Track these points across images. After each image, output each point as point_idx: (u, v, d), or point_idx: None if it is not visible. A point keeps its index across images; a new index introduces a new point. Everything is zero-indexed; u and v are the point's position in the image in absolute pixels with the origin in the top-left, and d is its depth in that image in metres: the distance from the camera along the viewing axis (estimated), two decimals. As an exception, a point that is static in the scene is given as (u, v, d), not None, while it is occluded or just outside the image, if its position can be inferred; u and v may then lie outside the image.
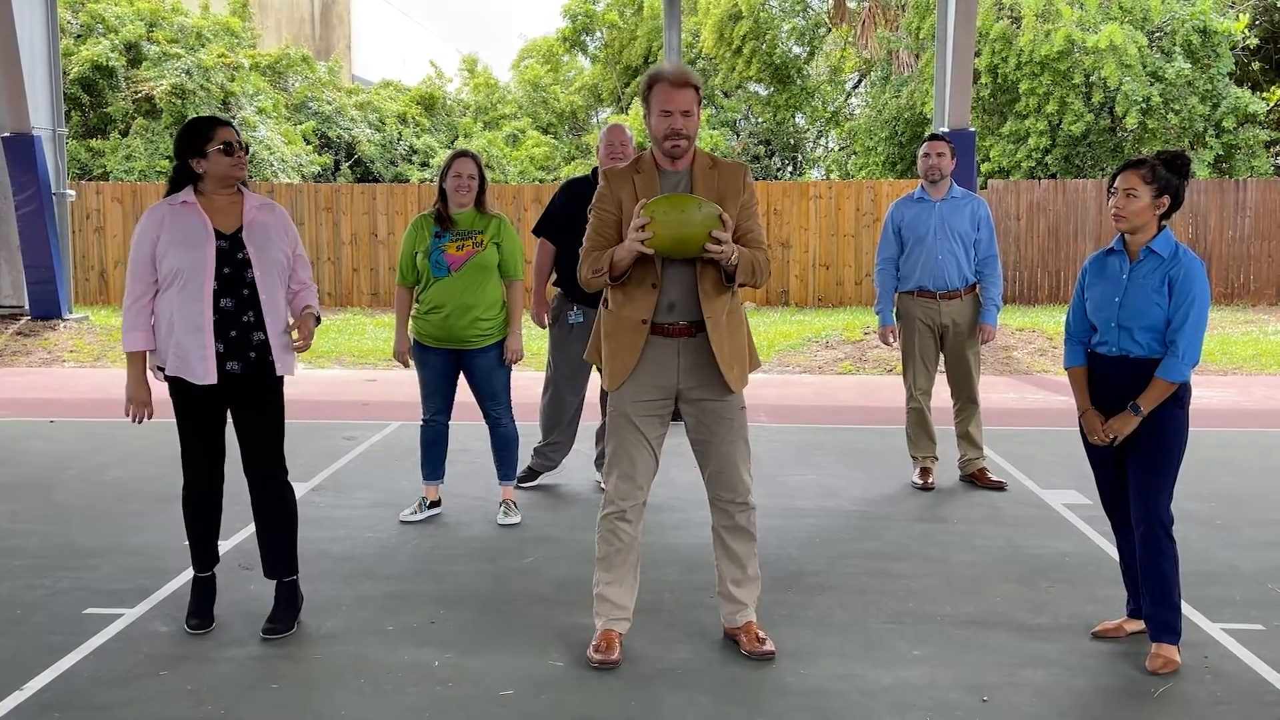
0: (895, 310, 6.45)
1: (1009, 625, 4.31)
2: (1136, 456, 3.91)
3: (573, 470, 6.65)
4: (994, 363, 11.49)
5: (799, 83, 26.59)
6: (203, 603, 4.28)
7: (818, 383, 10.98)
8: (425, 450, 5.78)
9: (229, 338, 4.04)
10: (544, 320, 6.37)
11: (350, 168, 23.99)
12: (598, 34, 30.03)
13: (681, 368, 3.89)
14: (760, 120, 27.12)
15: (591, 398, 6.40)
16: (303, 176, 22.04)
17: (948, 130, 12.33)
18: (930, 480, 6.43)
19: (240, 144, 4.08)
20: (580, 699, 3.67)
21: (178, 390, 4.10)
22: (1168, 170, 3.87)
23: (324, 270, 17.87)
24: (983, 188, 17.98)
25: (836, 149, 28.22)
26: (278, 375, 4.16)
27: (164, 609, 4.46)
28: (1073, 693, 3.72)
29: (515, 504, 5.83)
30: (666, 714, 3.55)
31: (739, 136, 26.50)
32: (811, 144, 28.51)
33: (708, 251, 3.67)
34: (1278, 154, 21.65)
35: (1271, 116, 20.59)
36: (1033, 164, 20.49)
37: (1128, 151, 20.24)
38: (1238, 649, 4.06)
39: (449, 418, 5.76)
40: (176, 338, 4.01)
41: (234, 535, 5.29)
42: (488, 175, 5.69)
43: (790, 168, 28.00)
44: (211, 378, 4.02)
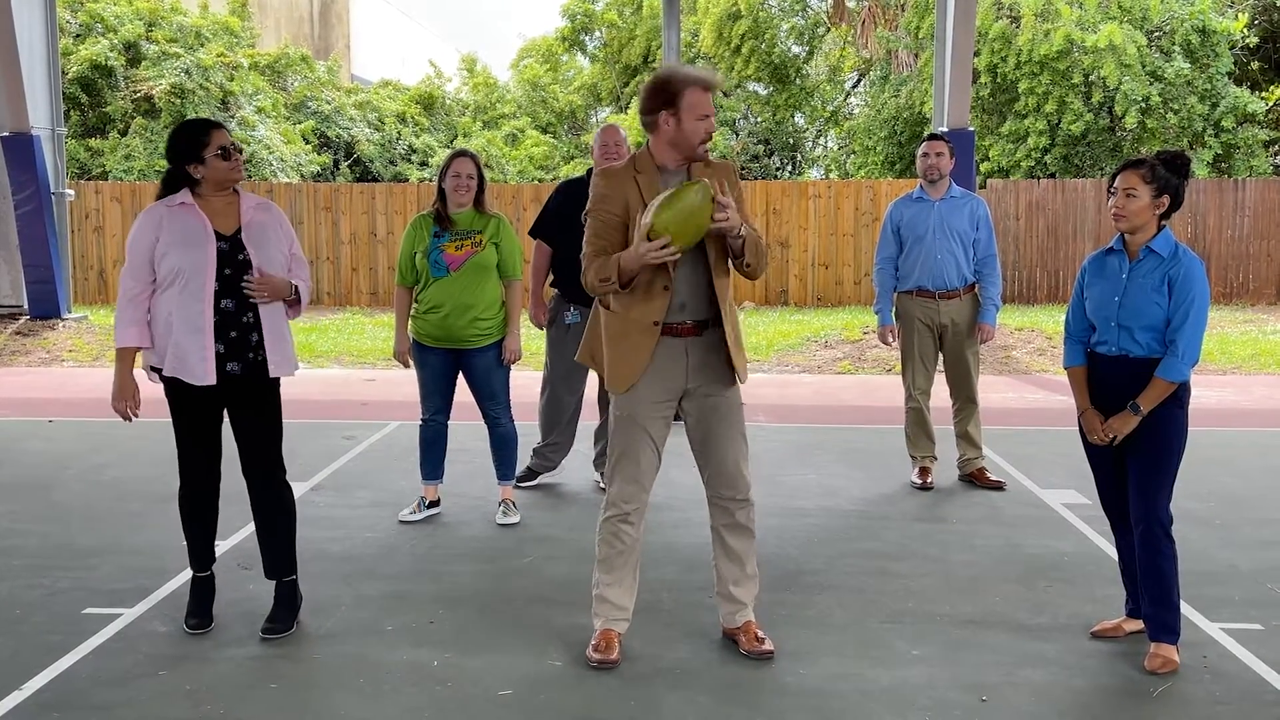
0: (894, 310, 6.45)
1: (1008, 625, 4.31)
2: (1136, 456, 3.91)
3: (572, 470, 6.65)
4: (993, 362, 11.49)
5: (798, 82, 26.60)
6: (201, 602, 4.28)
7: (817, 382, 10.98)
8: (424, 450, 5.78)
9: (229, 338, 4.04)
10: (541, 321, 6.37)
11: (349, 167, 23.99)
12: (597, 33, 30.04)
13: (690, 367, 3.90)
14: (759, 120, 27.12)
15: (590, 397, 6.40)
16: (302, 176, 22.04)
17: (947, 130, 12.32)
18: (929, 480, 6.43)
19: (235, 146, 4.08)
20: (579, 699, 3.67)
21: (174, 391, 4.10)
22: (1167, 170, 3.86)
23: (323, 270, 17.87)
24: (982, 187, 17.97)
25: (836, 148, 28.23)
26: (283, 376, 4.16)
27: (163, 609, 4.46)
28: (1072, 692, 3.72)
29: (514, 504, 5.83)
30: (665, 713, 3.56)
31: (738, 136, 26.48)
32: (811, 143, 28.52)
33: (715, 221, 3.64)
34: (1277, 153, 21.65)
35: (1270, 116, 20.59)
36: (1032, 163, 20.49)
37: (1127, 151, 20.24)
38: (1236, 649, 4.06)
39: (448, 417, 5.76)
40: (175, 338, 4.00)
41: (233, 535, 5.28)
42: (487, 175, 5.69)
43: (789, 167, 28.00)
44: (211, 378, 4.02)
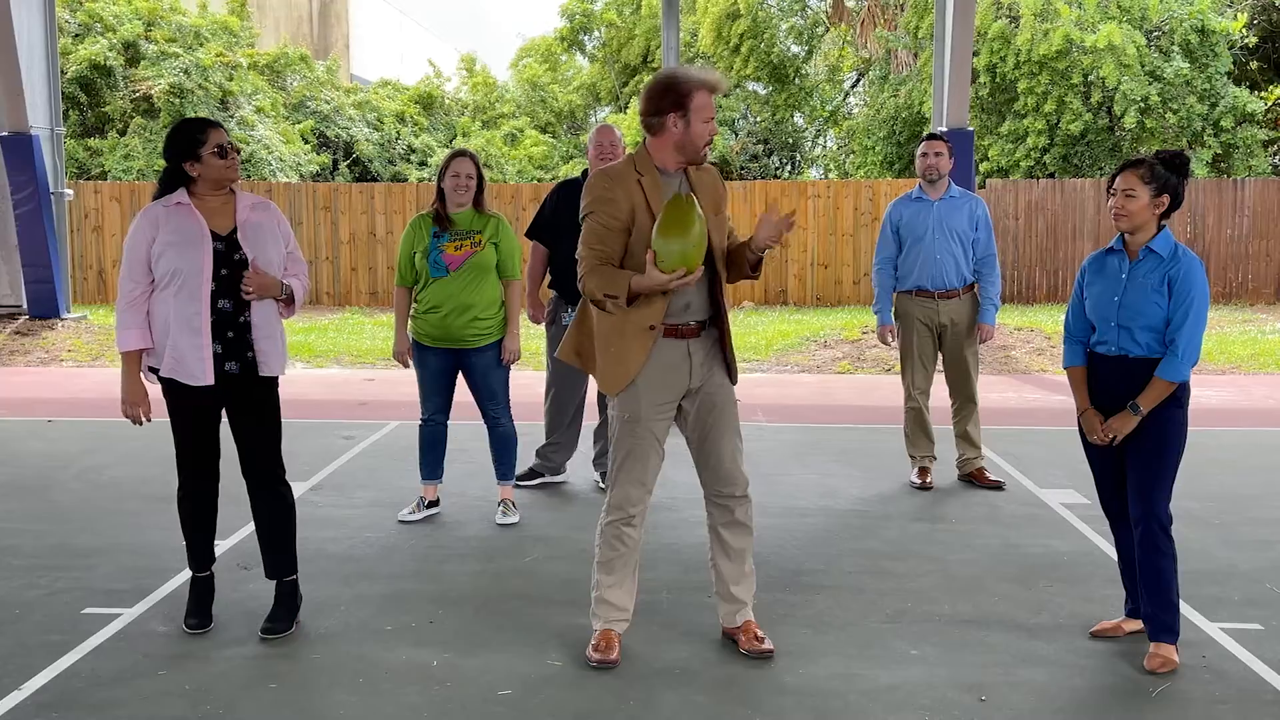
0: (894, 310, 6.46)
1: (1007, 624, 4.31)
2: (1135, 456, 3.91)
3: (572, 470, 6.64)
4: (992, 362, 11.49)
5: (797, 82, 26.60)
6: (201, 602, 4.28)
7: (816, 382, 10.98)
8: (424, 450, 5.78)
9: (227, 338, 4.04)
10: (539, 321, 6.37)
11: (348, 167, 23.98)
12: (596, 33, 30.05)
13: (694, 366, 3.93)
14: (758, 119, 27.13)
15: (591, 398, 6.40)
16: (301, 176, 22.03)
17: (946, 129, 12.32)
18: (928, 480, 6.43)
19: (232, 146, 4.08)
20: (579, 698, 3.67)
21: (172, 392, 4.10)
22: (1167, 169, 3.86)
23: (322, 269, 17.86)
24: (981, 187, 17.98)
25: (835, 148, 28.23)
26: (272, 375, 4.15)
27: (162, 609, 4.46)
28: (1071, 692, 3.72)
29: (514, 504, 5.83)
30: (665, 713, 3.56)
31: (737, 136, 26.49)
32: (810, 143, 28.52)
33: (768, 246, 3.88)
34: (1276, 153, 21.66)
35: (1269, 116, 20.59)
36: (1031, 163, 20.50)
37: (1126, 151, 20.24)
38: (1236, 648, 4.06)
39: (448, 417, 5.76)
40: (172, 339, 3.99)
41: (232, 535, 5.28)
42: (486, 175, 5.69)
43: (789, 167, 28.01)
44: (208, 379, 4.01)
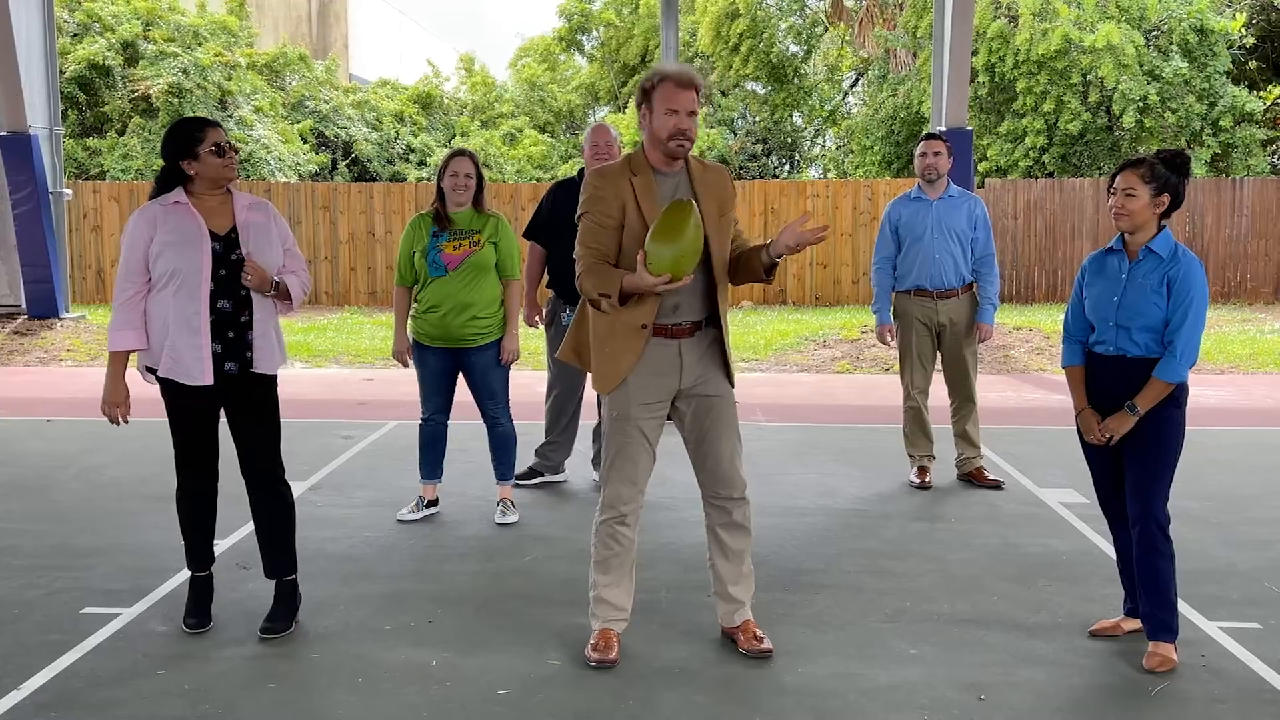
0: (892, 309, 6.46)
1: (1006, 624, 4.31)
2: (1133, 456, 3.91)
3: (570, 469, 6.64)
4: (991, 361, 11.49)
5: (796, 81, 26.61)
6: (200, 602, 4.28)
7: (815, 382, 10.98)
8: (424, 450, 5.78)
9: (226, 338, 4.04)
10: (535, 322, 6.38)
11: (347, 166, 23.97)
12: (594, 33, 30.05)
13: (685, 367, 3.91)
14: (757, 119, 27.14)
15: (590, 398, 6.40)
16: (300, 175, 22.03)
17: (944, 129, 12.33)
18: (927, 479, 6.43)
19: (230, 145, 4.07)
20: (578, 698, 3.67)
21: (170, 392, 4.09)
22: (1167, 169, 3.86)
23: (321, 269, 17.86)
24: (980, 186, 17.98)
25: (834, 148, 28.23)
26: (271, 373, 4.15)
27: (161, 608, 4.46)
28: (1070, 691, 3.72)
29: (513, 503, 5.83)
30: (664, 712, 3.56)
31: (736, 135, 26.50)
32: (809, 143, 28.53)
33: (797, 248, 3.71)
34: (1274, 153, 21.66)
35: (1268, 115, 20.60)
36: (1030, 163, 20.50)
37: (1125, 150, 20.24)
38: (1235, 647, 4.06)
39: (448, 417, 5.76)
40: (171, 339, 3.99)
41: (232, 534, 5.28)
42: (485, 174, 5.69)
43: (788, 166, 28.01)
44: (207, 379, 4.01)
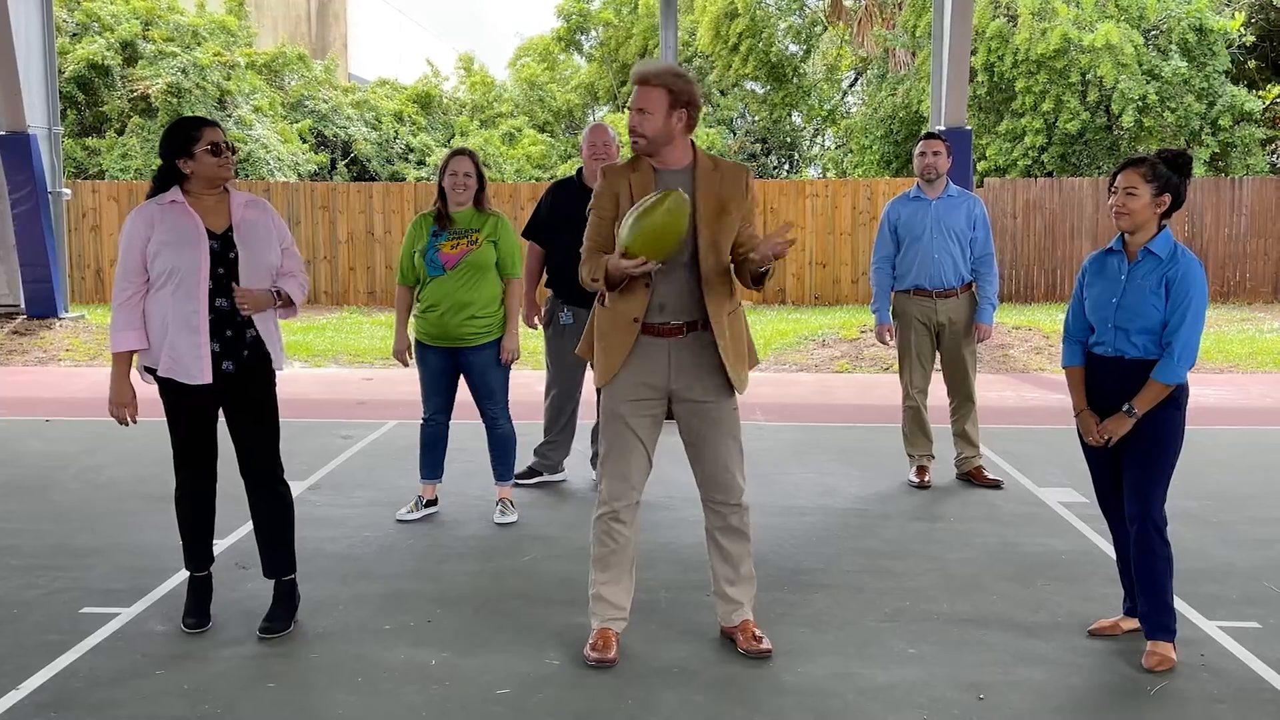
0: (892, 309, 6.46)
1: (1005, 623, 4.31)
2: (1131, 457, 3.91)
3: (570, 469, 6.65)
4: (990, 361, 11.50)
5: (795, 81, 26.61)
6: (199, 602, 4.28)
7: (814, 381, 10.98)
8: (424, 449, 5.77)
9: (224, 337, 4.04)
10: (534, 322, 6.38)
11: (346, 166, 23.96)
12: (593, 33, 30.04)
13: (673, 368, 3.88)
14: (756, 118, 27.14)
15: (589, 397, 6.40)
16: (299, 175, 22.02)
17: (944, 128, 12.32)
18: (927, 479, 6.43)
19: (227, 144, 4.07)
20: (577, 697, 3.67)
21: (169, 391, 4.09)
22: (1168, 168, 3.85)
23: (321, 269, 17.85)
24: (979, 186, 17.98)
25: (833, 147, 28.24)
26: (271, 372, 4.15)
27: (161, 608, 4.46)
28: (1069, 690, 3.73)
29: (512, 503, 5.83)
30: (663, 712, 3.56)
31: (735, 134, 26.52)
32: (808, 142, 28.53)
33: (773, 257, 3.63)
34: (1274, 152, 21.67)
35: (1267, 114, 20.61)
36: (1029, 162, 20.50)
37: (1124, 150, 20.24)
38: (1234, 646, 4.06)
39: (449, 417, 5.75)
40: (170, 338, 3.99)
41: (231, 534, 5.28)
42: (485, 174, 5.69)
43: (787, 166, 28.02)
44: (206, 377, 4.01)
